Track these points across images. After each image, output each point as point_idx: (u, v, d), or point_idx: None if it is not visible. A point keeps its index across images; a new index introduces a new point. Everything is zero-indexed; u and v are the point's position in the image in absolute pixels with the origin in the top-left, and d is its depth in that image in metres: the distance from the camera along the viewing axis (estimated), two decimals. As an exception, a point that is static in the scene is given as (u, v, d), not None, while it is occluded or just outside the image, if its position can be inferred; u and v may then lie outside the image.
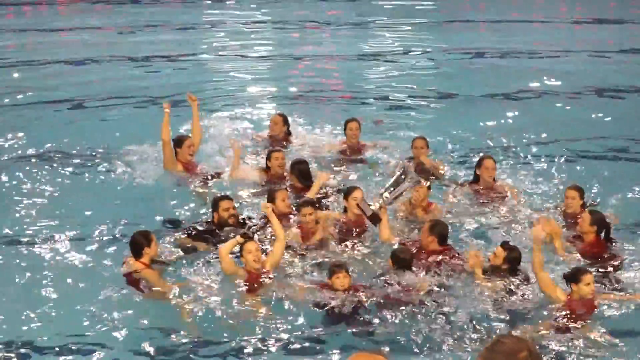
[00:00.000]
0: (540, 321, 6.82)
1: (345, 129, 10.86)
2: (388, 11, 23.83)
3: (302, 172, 9.41)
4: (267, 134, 11.28)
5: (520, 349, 3.42)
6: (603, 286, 7.17)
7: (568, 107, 13.45)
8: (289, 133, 11.17)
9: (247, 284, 7.19)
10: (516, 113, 13.09)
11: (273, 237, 7.83)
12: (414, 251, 7.64)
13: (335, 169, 10.26)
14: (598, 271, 7.40)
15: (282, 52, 18.69)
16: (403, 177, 8.20)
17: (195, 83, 15.09)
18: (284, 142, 11.03)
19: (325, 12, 24.35)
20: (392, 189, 8.12)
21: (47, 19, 23.07)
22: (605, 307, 6.91)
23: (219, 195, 8.62)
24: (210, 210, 8.44)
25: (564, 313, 6.73)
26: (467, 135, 11.77)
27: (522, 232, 8.29)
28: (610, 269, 7.55)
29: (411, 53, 18.13)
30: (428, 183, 8.77)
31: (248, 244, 7.23)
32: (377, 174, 10.04)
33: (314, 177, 9.36)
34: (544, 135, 11.82)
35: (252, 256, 7.17)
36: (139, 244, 7.31)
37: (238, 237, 7.33)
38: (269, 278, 7.26)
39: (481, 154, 9.93)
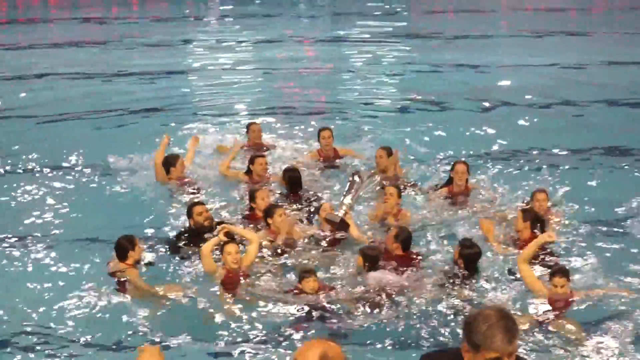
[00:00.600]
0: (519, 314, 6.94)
1: (319, 138, 11.04)
2: (361, 27, 24.36)
3: (292, 179, 9.60)
4: (246, 142, 11.41)
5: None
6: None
7: (536, 118, 13.71)
8: None
9: (225, 282, 7.41)
10: (485, 122, 13.34)
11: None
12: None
13: (311, 176, 10.40)
14: (538, 261, 7.72)
15: (260, 66, 19.02)
16: (356, 180, 8.53)
17: (178, 96, 15.54)
18: (264, 149, 11.23)
19: (301, 29, 24.99)
20: (350, 194, 8.46)
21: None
22: (581, 302, 7.02)
23: (191, 202, 8.84)
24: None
25: (544, 307, 6.89)
26: (439, 143, 11.98)
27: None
28: (548, 258, 7.84)
29: (382, 67, 18.50)
30: (378, 178, 9.08)
31: (228, 245, 7.46)
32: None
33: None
34: (512, 142, 12.13)
35: (231, 257, 7.39)
36: (123, 247, 7.57)
37: (220, 236, 7.60)
38: (245, 278, 7.48)
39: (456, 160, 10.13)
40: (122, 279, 7.52)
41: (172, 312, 7.22)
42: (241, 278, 7.50)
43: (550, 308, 6.91)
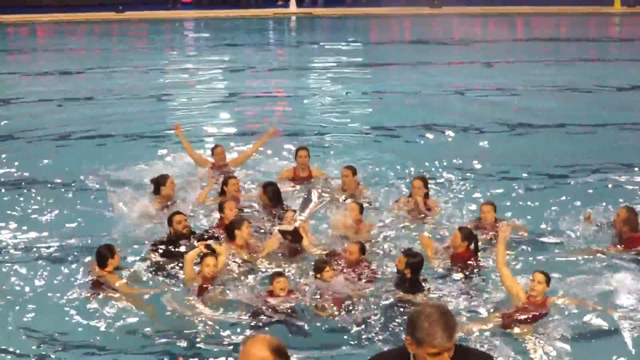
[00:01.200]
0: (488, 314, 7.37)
1: (295, 156, 11.28)
2: (326, 55, 25.21)
3: (274, 193, 9.97)
4: (210, 164, 11.66)
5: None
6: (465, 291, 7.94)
7: (496, 138, 14.57)
8: None
9: (201, 289, 7.89)
10: (442, 142, 14.18)
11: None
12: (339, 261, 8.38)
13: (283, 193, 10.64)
14: (463, 274, 8.27)
15: (231, 90, 19.59)
16: (310, 198, 9.04)
17: (150, 119, 16.01)
18: (228, 170, 11.48)
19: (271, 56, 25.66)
20: (305, 210, 8.96)
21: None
22: (556, 312, 7.34)
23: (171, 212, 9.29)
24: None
25: (516, 311, 7.19)
26: (401, 162, 12.54)
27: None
28: (474, 273, 8.31)
29: (344, 92, 19.19)
30: (328, 198, 9.67)
31: (208, 258, 7.98)
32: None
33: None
34: (469, 160, 12.78)
35: (209, 269, 7.93)
36: (104, 255, 8.09)
37: (201, 247, 8.12)
38: (219, 285, 8.00)
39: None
40: (99, 283, 7.96)
41: (145, 316, 7.63)
42: (211, 285, 7.97)
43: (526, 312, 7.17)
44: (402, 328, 7.16)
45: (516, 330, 7.10)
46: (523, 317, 7.22)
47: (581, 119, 15.95)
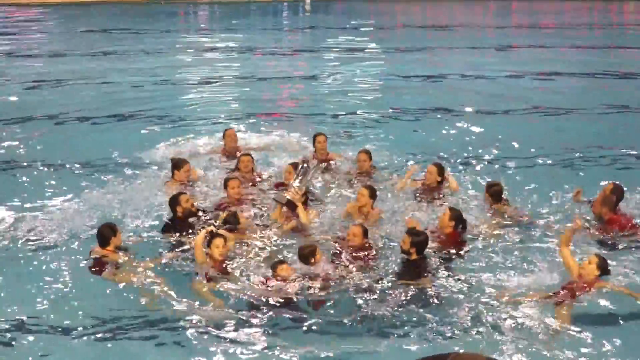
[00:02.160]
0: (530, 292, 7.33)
1: (314, 142, 11.24)
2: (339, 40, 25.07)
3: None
4: (221, 149, 11.59)
5: None
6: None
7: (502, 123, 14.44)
8: None
9: (211, 270, 7.73)
10: (458, 127, 13.94)
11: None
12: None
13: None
14: (448, 254, 8.20)
15: (245, 74, 19.50)
16: (305, 167, 8.94)
17: (164, 102, 15.96)
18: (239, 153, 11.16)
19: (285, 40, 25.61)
20: (299, 179, 8.86)
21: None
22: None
23: (175, 193, 9.14)
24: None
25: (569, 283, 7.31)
26: (413, 148, 12.40)
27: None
28: (461, 252, 8.28)
29: (361, 76, 19.09)
30: (324, 165, 9.48)
31: (216, 239, 7.82)
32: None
33: None
34: (477, 144, 12.70)
35: (218, 250, 7.77)
36: (105, 234, 7.94)
37: (207, 230, 8.00)
38: (227, 270, 7.81)
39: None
40: (101, 264, 7.80)
41: (147, 297, 7.43)
42: (220, 268, 7.81)
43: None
44: (407, 313, 7.15)
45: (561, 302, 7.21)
46: (570, 291, 7.34)
47: (597, 104, 15.82)
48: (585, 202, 9.49)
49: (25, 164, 11.66)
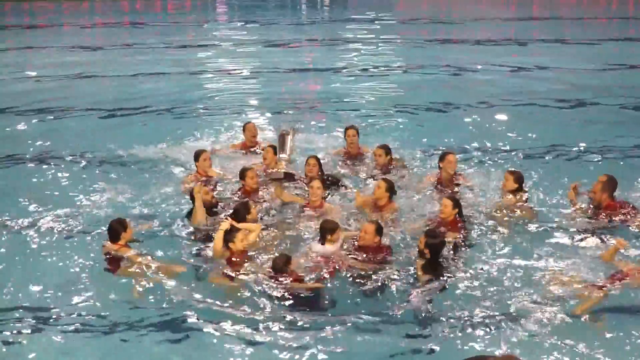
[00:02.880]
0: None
1: (345, 136, 11.17)
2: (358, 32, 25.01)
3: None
4: (241, 143, 11.49)
5: None
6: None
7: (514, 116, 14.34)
8: None
9: (229, 262, 7.68)
10: (476, 120, 13.92)
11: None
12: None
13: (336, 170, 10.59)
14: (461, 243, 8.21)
15: (267, 67, 19.38)
16: (284, 135, 8.96)
17: (186, 95, 15.97)
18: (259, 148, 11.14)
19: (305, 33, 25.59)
20: (284, 150, 8.93)
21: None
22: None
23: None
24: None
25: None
26: (432, 137, 12.39)
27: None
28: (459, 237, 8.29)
29: (380, 69, 18.98)
30: (297, 132, 9.34)
31: (240, 233, 7.77)
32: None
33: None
34: (495, 137, 12.59)
35: (242, 244, 7.74)
36: (115, 230, 7.88)
37: (223, 225, 7.93)
38: (245, 261, 7.74)
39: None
40: (115, 259, 7.78)
41: (160, 290, 7.46)
42: (240, 259, 7.75)
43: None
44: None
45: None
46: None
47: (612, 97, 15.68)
48: (584, 194, 9.45)
49: (46, 156, 11.76)
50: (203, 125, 13.40)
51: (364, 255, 7.89)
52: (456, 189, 9.81)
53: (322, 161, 10.14)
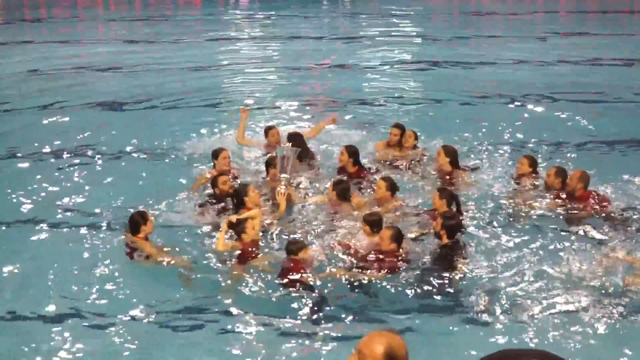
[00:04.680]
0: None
1: (390, 133, 11.04)
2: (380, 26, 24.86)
3: (355, 153, 9.94)
4: (263, 145, 11.34)
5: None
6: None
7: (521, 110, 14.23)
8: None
9: (241, 254, 7.67)
10: (501, 113, 13.84)
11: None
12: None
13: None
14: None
15: (290, 62, 19.38)
16: (283, 153, 8.81)
17: (205, 89, 15.93)
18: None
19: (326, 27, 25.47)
20: (283, 170, 8.80)
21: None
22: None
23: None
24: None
25: None
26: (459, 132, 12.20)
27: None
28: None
29: (394, 64, 18.87)
30: (298, 150, 9.09)
31: (249, 222, 7.75)
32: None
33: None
34: (515, 131, 12.45)
35: (253, 232, 7.72)
36: (136, 222, 7.84)
37: (224, 226, 7.87)
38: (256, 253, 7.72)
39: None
40: (133, 250, 7.77)
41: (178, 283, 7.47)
42: (252, 250, 7.74)
43: None
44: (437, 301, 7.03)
45: None
46: None
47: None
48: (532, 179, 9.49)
49: (68, 150, 11.78)
50: (223, 120, 13.33)
51: (372, 260, 7.53)
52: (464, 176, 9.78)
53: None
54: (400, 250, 7.55)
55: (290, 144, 9.21)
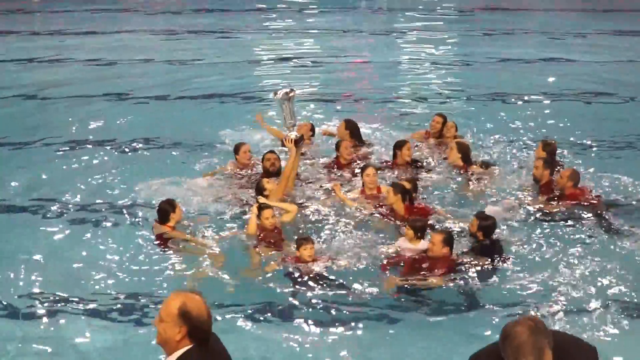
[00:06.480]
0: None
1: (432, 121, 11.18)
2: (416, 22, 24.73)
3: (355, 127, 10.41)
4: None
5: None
6: None
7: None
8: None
9: (260, 239, 7.84)
10: (528, 111, 13.67)
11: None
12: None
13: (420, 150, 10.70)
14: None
15: (323, 56, 19.20)
16: (282, 103, 8.77)
17: (242, 84, 15.95)
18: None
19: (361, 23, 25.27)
20: (284, 116, 8.85)
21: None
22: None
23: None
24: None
25: None
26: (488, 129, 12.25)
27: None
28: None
29: (429, 61, 18.64)
30: (296, 90, 9.10)
31: (265, 211, 7.88)
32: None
33: None
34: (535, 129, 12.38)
35: (268, 222, 7.85)
36: (165, 210, 7.92)
37: (254, 209, 8.05)
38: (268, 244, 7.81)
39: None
40: (164, 240, 7.86)
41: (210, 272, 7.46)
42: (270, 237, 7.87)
43: None
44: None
45: None
46: None
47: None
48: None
49: (99, 141, 11.90)
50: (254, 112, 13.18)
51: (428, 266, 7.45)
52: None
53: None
54: (453, 253, 7.51)
55: (285, 90, 8.98)
